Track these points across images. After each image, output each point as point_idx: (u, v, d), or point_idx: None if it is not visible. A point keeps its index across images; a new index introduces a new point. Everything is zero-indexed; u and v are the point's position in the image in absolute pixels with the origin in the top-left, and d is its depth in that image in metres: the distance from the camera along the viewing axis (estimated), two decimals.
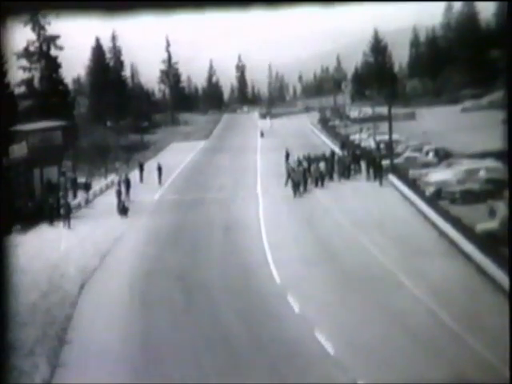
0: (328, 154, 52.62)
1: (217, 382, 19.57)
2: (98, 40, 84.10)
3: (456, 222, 31.51)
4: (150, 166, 57.23)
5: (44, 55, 71.74)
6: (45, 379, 20.36)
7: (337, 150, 55.98)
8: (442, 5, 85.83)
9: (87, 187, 49.64)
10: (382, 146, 53.24)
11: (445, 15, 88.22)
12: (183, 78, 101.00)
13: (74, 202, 45.15)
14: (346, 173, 48.90)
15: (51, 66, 71.96)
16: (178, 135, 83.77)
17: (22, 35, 67.79)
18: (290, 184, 45.35)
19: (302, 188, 45.09)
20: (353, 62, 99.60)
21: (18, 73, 70.59)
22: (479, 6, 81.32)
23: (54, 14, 66.27)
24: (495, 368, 18.69)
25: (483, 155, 42.69)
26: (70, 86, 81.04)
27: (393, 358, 20.04)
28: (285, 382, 19.21)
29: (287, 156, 50.90)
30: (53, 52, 72.15)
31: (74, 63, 79.26)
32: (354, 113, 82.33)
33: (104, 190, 51.48)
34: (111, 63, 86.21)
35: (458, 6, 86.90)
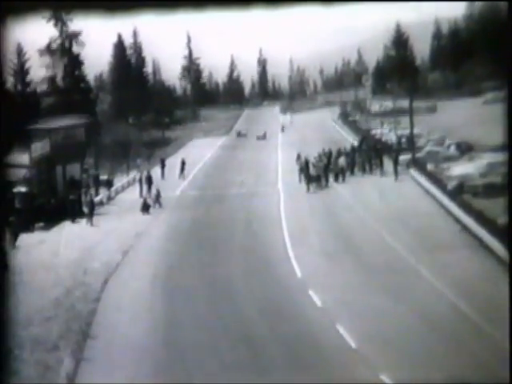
0: (349, 148, 52.61)
1: (239, 375, 19.62)
2: (119, 36, 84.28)
3: (478, 216, 31.37)
4: (172, 162, 57.41)
5: (66, 52, 72.08)
6: (69, 373, 20.52)
7: (357, 144, 55.78)
8: None
9: (109, 184, 49.90)
10: (403, 140, 53.05)
11: (467, 7, 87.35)
12: (204, 73, 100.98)
13: (96, 199, 45.41)
14: (368, 167, 48.76)
15: (73, 63, 72.30)
16: (199, 131, 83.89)
17: (44, 32, 68.22)
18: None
19: (323, 183, 45.17)
20: (374, 56, 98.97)
21: (40, 70, 71.06)
22: None
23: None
24: None
25: (505, 148, 42.29)
26: (92, 82, 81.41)
27: (415, 350, 20.02)
28: (307, 375, 19.26)
29: (298, 157, 50.85)
30: (75, 49, 72.48)
31: (96, 60, 79.55)
32: (374, 107, 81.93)
33: (126, 186, 51.71)
34: (133, 59, 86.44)
35: None
